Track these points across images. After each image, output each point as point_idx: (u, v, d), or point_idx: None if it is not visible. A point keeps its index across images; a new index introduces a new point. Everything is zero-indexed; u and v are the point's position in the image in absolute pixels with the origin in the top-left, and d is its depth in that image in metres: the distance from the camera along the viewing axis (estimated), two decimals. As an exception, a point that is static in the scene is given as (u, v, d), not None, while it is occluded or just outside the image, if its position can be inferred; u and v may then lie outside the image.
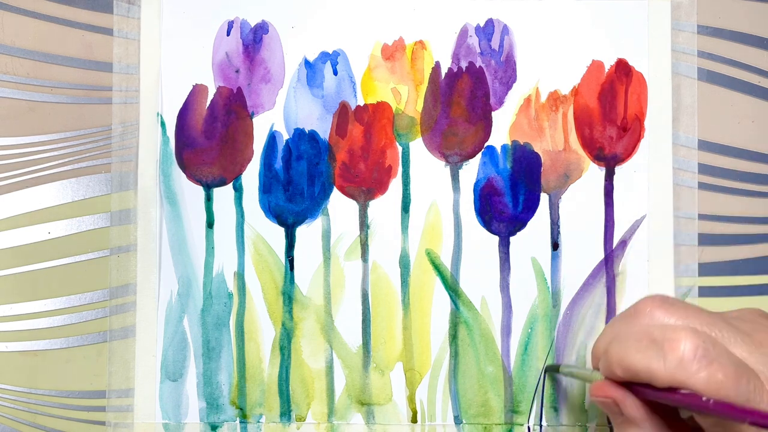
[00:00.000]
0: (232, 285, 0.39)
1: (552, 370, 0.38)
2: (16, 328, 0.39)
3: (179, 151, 0.39)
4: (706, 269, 0.39)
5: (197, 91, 0.39)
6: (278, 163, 0.39)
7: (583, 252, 0.39)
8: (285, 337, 0.39)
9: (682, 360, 0.26)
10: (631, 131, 0.39)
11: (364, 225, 0.39)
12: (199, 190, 0.39)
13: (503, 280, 0.39)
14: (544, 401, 0.39)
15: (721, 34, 0.39)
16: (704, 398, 0.25)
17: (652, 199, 0.39)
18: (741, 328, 0.29)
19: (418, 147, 0.39)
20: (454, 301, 0.39)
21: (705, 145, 0.39)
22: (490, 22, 0.39)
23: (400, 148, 0.39)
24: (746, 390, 0.25)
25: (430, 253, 0.39)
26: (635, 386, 0.28)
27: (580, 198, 0.39)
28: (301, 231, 0.39)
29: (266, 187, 0.39)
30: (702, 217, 0.39)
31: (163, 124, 0.39)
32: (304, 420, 0.39)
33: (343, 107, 0.39)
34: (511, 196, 0.39)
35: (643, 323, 0.29)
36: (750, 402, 0.25)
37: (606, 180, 0.39)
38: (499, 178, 0.39)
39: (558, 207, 0.39)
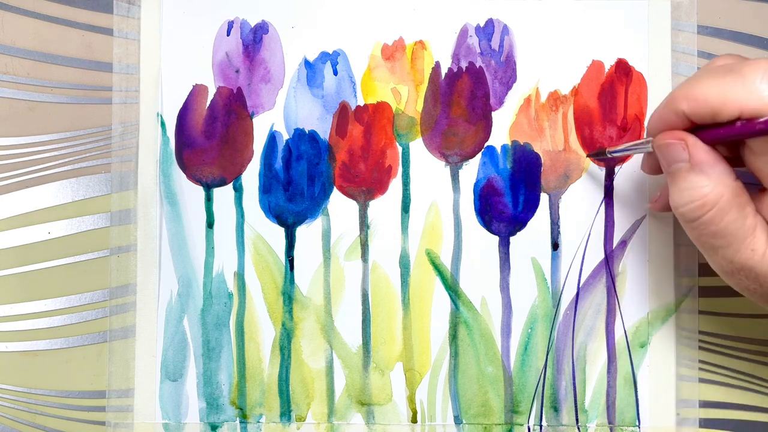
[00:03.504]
0: (232, 285, 0.39)
1: (594, 156, 0.37)
2: (16, 328, 0.39)
3: (179, 151, 0.39)
4: (706, 269, 0.39)
5: (197, 91, 0.39)
6: (278, 163, 0.39)
7: (583, 252, 0.39)
8: (285, 337, 0.39)
9: (764, 79, 0.25)
10: (631, 131, 0.39)
11: (364, 225, 0.39)
12: (199, 190, 0.39)
13: (503, 280, 0.39)
14: (544, 401, 0.39)
15: (721, 34, 0.39)
16: None
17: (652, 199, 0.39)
18: None
19: (418, 147, 0.39)
20: (454, 301, 0.39)
21: (705, 145, 0.39)
22: (490, 22, 0.39)
23: (400, 148, 0.39)
24: None
25: (430, 253, 0.39)
26: (700, 132, 0.27)
27: (580, 198, 0.39)
28: (301, 231, 0.39)
29: (266, 187, 0.39)
30: (702, 217, 0.39)
31: (163, 124, 0.39)
32: (304, 420, 0.39)
33: (343, 107, 0.39)
34: (511, 196, 0.39)
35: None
36: None
37: (606, 180, 0.39)
38: (499, 178, 0.39)
39: (558, 207, 0.39)
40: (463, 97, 0.39)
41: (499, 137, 0.39)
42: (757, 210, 0.29)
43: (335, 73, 0.39)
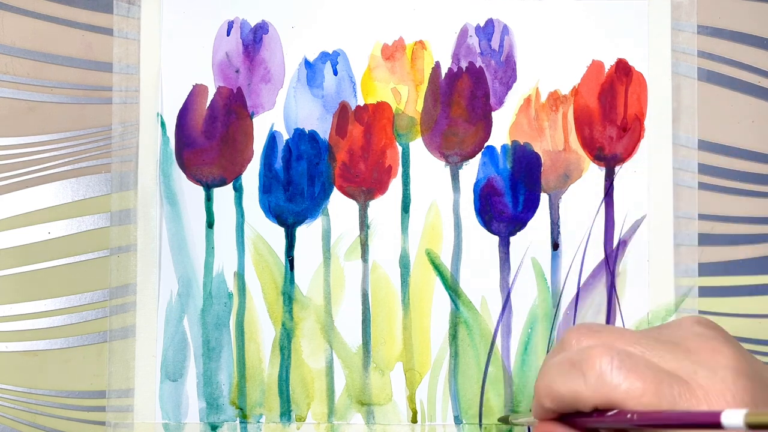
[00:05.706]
0: (232, 285, 0.39)
1: (504, 422, 0.38)
2: (16, 328, 0.39)
3: (179, 151, 0.39)
4: (706, 269, 0.39)
5: (197, 91, 0.39)
6: (278, 163, 0.39)
7: (583, 252, 0.39)
8: (285, 337, 0.39)
9: (600, 375, 0.26)
10: (631, 131, 0.39)
11: (364, 225, 0.39)
12: (199, 190, 0.39)
13: (503, 280, 0.39)
14: (544, 401, 0.39)
15: (721, 34, 0.39)
16: (629, 415, 0.25)
17: (652, 199, 0.39)
18: (672, 338, 0.28)
19: (418, 147, 0.39)
20: (454, 301, 0.39)
21: (705, 145, 0.39)
22: (490, 22, 0.39)
23: (400, 148, 0.39)
24: (670, 394, 0.25)
25: (430, 253, 0.39)
26: (569, 419, 0.28)
27: (580, 198, 0.39)
28: (301, 231, 0.39)
29: (266, 187, 0.39)
30: (702, 217, 0.39)
31: (163, 124, 0.39)
32: (304, 420, 0.39)
33: (343, 107, 0.39)
34: (511, 196, 0.39)
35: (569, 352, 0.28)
36: (677, 407, 0.25)
37: (606, 180, 0.39)
38: (499, 178, 0.39)
39: (558, 207, 0.39)
40: (463, 97, 0.39)
41: (499, 137, 0.39)
42: None
43: (335, 73, 0.39)
